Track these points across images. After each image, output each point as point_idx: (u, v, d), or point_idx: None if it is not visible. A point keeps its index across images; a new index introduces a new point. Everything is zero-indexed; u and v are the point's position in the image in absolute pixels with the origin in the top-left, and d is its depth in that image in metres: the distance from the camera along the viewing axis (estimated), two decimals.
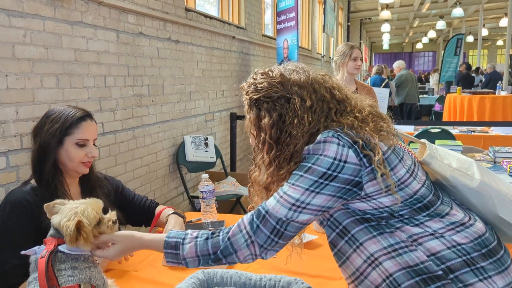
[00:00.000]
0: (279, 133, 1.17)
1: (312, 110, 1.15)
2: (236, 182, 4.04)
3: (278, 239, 1.10)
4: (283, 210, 1.08)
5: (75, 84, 2.56)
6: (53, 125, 1.55)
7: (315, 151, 1.09)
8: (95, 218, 1.18)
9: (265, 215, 1.10)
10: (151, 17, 3.34)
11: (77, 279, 1.12)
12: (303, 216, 1.09)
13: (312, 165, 1.08)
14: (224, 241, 1.12)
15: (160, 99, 3.55)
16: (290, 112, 1.15)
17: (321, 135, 1.10)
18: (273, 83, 1.19)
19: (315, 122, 1.15)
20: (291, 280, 1.30)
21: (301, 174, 1.09)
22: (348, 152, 1.07)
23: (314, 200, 1.08)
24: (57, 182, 1.57)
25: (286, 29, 5.66)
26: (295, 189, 1.09)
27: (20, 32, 2.16)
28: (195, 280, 1.30)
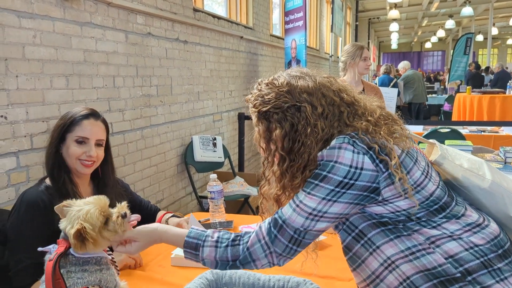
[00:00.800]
0: (291, 143, 1.14)
1: (324, 116, 1.13)
2: (244, 182, 4.04)
3: (297, 247, 1.10)
4: (300, 219, 1.07)
5: (84, 84, 2.57)
6: (59, 121, 1.60)
7: (330, 158, 1.07)
8: (99, 218, 1.15)
9: (282, 224, 1.09)
10: (159, 17, 3.35)
11: (86, 282, 1.13)
12: (321, 225, 1.08)
13: (328, 174, 1.06)
14: (243, 251, 1.11)
15: (169, 99, 3.57)
16: (302, 120, 1.13)
17: (336, 141, 1.08)
18: (280, 92, 1.16)
19: (328, 128, 1.13)
20: (300, 281, 1.30)
21: (317, 183, 1.07)
22: (364, 159, 1.05)
23: (331, 208, 1.07)
24: (65, 177, 1.58)
25: (294, 29, 5.65)
26: (311, 198, 1.07)
27: (30, 33, 2.18)
28: (203, 280, 1.30)
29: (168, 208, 3.60)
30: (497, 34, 20.82)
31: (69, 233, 1.12)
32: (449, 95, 10.28)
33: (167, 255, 1.63)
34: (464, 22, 19.99)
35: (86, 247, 1.13)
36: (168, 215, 1.87)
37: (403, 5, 15.05)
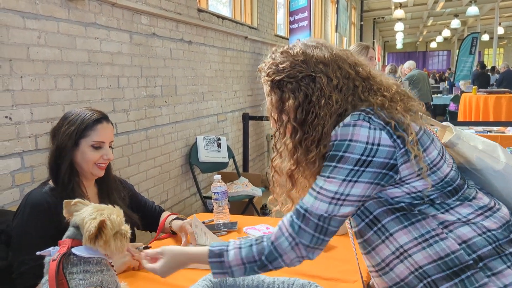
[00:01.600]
0: (304, 114, 1.10)
1: (339, 88, 1.09)
2: (248, 182, 4.04)
3: (324, 236, 1.05)
4: (323, 205, 1.04)
5: (89, 85, 2.58)
6: (70, 127, 1.55)
7: (344, 137, 1.03)
8: (119, 225, 1.17)
9: (305, 214, 1.05)
10: (164, 18, 3.35)
11: (88, 283, 1.12)
12: (345, 209, 1.04)
13: (344, 154, 1.03)
14: (268, 246, 1.07)
15: (173, 100, 3.56)
16: (317, 91, 1.09)
17: (351, 118, 1.05)
18: (296, 62, 1.12)
19: (342, 102, 1.09)
20: (304, 283, 1.29)
21: (334, 165, 1.03)
22: (381, 135, 1.02)
23: (353, 190, 1.03)
24: (74, 183, 1.57)
25: (298, 29, 5.64)
26: (331, 182, 1.04)
27: (35, 34, 2.18)
28: (207, 283, 1.30)
29: (173, 209, 3.60)
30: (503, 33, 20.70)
31: (89, 221, 1.12)
32: (455, 95, 10.24)
33: None
34: (469, 22, 19.89)
35: (97, 242, 1.13)
36: (172, 217, 1.87)
37: (408, 5, 15.00)
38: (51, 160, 1.58)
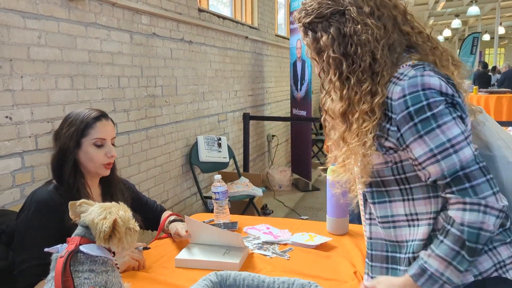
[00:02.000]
0: (343, 48, 1.06)
1: (375, 16, 1.05)
2: (249, 182, 4.04)
3: (491, 174, 0.98)
4: (468, 150, 0.97)
5: (89, 85, 2.57)
6: (70, 128, 1.56)
7: (414, 88, 0.98)
8: (128, 220, 1.18)
9: (464, 171, 0.96)
10: (164, 18, 3.35)
11: (93, 282, 1.12)
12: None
13: (428, 101, 0.97)
14: (461, 230, 0.96)
15: (174, 100, 3.56)
16: (348, 23, 1.05)
17: (415, 70, 1.00)
18: (322, 1, 1.09)
19: (382, 29, 1.04)
20: (304, 283, 1.28)
21: (432, 113, 0.97)
22: (444, 85, 1.00)
23: (466, 127, 1.00)
24: (79, 184, 1.57)
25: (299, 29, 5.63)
26: (448, 127, 0.97)
27: (35, 34, 2.18)
28: (207, 283, 1.29)
29: (173, 209, 3.60)
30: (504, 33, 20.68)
31: (101, 222, 1.12)
32: None
33: (171, 256, 1.62)
34: (470, 22, 19.87)
35: (111, 241, 1.14)
36: (171, 218, 1.86)
37: (409, 5, 14.96)
38: (54, 162, 1.58)
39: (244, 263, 1.56)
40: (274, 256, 1.62)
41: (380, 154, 1.07)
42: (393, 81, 1.03)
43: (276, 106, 6.50)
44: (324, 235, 1.78)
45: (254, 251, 1.66)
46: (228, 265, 1.50)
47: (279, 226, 1.91)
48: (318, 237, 1.74)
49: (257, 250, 1.67)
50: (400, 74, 1.03)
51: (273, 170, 5.80)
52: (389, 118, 1.03)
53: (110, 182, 1.71)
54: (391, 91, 1.02)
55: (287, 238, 1.77)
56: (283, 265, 1.55)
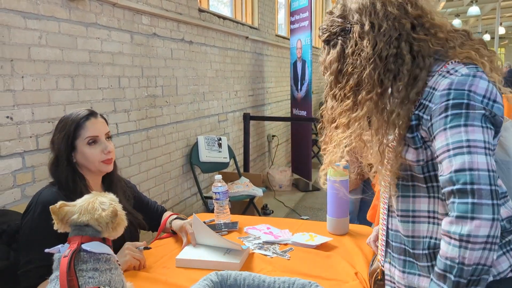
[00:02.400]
0: (341, 65, 1.12)
1: (375, 31, 1.06)
2: (249, 182, 4.04)
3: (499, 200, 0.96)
4: (482, 159, 0.93)
5: (90, 85, 2.58)
6: (61, 132, 1.56)
7: (462, 86, 0.96)
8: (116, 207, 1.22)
9: (474, 187, 0.92)
10: (164, 18, 3.35)
11: (97, 282, 1.12)
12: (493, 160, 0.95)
13: (469, 101, 0.95)
14: (441, 264, 0.95)
15: (174, 100, 3.57)
16: (350, 41, 1.10)
17: (468, 69, 0.99)
18: (334, 19, 1.15)
19: (384, 45, 1.05)
20: (305, 283, 1.28)
21: (466, 112, 0.95)
22: (494, 90, 0.98)
23: (492, 139, 0.96)
24: (81, 186, 1.57)
25: (299, 29, 5.63)
26: (473, 130, 0.94)
27: (36, 34, 2.18)
28: (208, 282, 1.30)
29: (173, 209, 3.60)
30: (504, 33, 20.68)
31: (104, 215, 1.16)
32: None
33: (172, 256, 1.62)
34: (471, 22, 19.87)
35: (117, 229, 1.20)
36: (173, 217, 1.87)
37: None
38: (52, 169, 1.58)
39: (245, 263, 1.57)
40: (274, 256, 1.62)
41: (413, 149, 1.06)
42: (442, 74, 1.02)
43: (276, 106, 6.50)
44: (324, 235, 1.78)
45: (255, 251, 1.66)
46: (229, 265, 1.50)
47: (279, 226, 1.92)
48: (319, 237, 1.75)
49: (257, 250, 1.67)
50: (450, 69, 1.02)
51: (273, 170, 5.81)
52: (425, 107, 1.02)
53: (111, 181, 1.72)
54: (438, 83, 1.01)
55: (288, 238, 1.78)
56: (284, 265, 1.55)
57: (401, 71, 1.05)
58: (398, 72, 1.05)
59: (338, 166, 1.82)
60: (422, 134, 1.04)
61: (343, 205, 1.83)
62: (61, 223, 1.19)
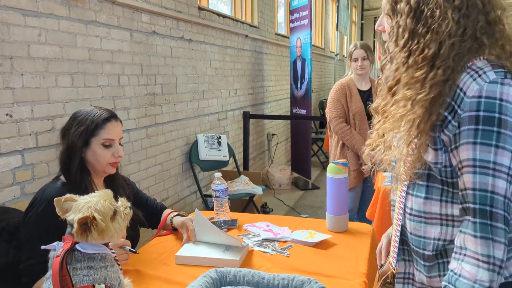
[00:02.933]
0: (415, 23, 1.00)
1: (461, 12, 0.97)
2: (249, 181, 4.04)
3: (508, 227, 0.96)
4: (503, 184, 0.92)
5: (89, 83, 2.58)
6: (79, 127, 1.58)
7: (492, 94, 0.92)
8: (110, 208, 1.18)
9: (492, 210, 0.93)
10: (164, 16, 3.35)
11: (92, 279, 1.12)
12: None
13: (501, 116, 0.91)
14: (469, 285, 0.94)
15: (173, 98, 3.56)
16: (432, 3, 0.98)
17: (496, 75, 0.94)
18: None
19: (461, 28, 0.97)
20: (304, 280, 1.29)
21: (498, 130, 0.91)
22: None
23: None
24: (86, 182, 1.59)
25: (299, 28, 5.63)
26: (503, 154, 0.92)
27: (35, 32, 2.18)
28: (207, 279, 1.30)
29: (173, 207, 3.60)
30: None
31: (75, 219, 1.12)
32: None
33: (172, 253, 1.63)
34: None
35: (88, 237, 1.13)
36: (173, 214, 1.87)
37: None
38: (62, 159, 1.60)
39: (244, 260, 1.57)
40: (274, 253, 1.63)
41: (432, 150, 1.02)
42: (470, 73, 0.96)
43: (276, 104, 6.50)
44: (324, 232, 1.78)
45: (254, 248, 1.67)
46: (228, 262, 1.50)
47: (279, 224, 1.92)
48: (318, 234, 1.75)
49: (257, 247, 1.68)
50: (478, 68, 0.96)
51: (273, 169, 5.81)
52: (454, 111, 0.97)
53: (113, 180, 1.74)
54: (466, 84, 0.96)
55: (287, 235, 1.78)
56: (283, 262, 1.55)
57: (459, 65, 0.98)
58: (456, 66, 0.98)
59: (337, 163, 1.82)
60: (443, 138, 1.00)
61: (342, 203, 1.83)
62: (61, 212, 1.19)
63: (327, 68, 10.63)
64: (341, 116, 3.06)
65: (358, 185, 3.12)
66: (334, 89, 3.14)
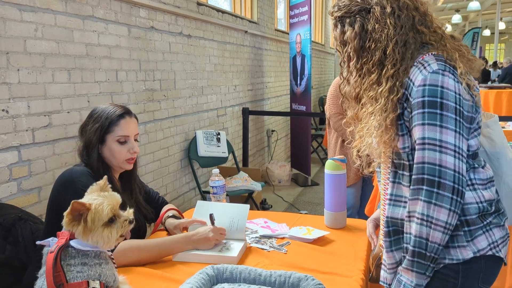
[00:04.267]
0: (362, 42, 1.21)
1: (395, 16, 1.18)
2: (248, 177, 4.03)
3: (460, 198, 1.11)
4: (450, 160, 1.08)
5: (87, 78, 2.56)
6: (95, 124, 1.62)
7: (434, 82, 1.10)
8: (108, 215, 1.13)
9: (441, 180, 1.08)
10: (162, 11, 3.33)
11: (86, 276, 1.11)
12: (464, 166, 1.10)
13: (443, 100, 1.09)
14: (413, 241, 1.13)
15: (172, 94, 3.55)
16: (372, 20, 1.19)
17: (438, 66, 1.11)
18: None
19: (400, 28, 1.17)
20: (301, 277, 1.28)
21: (440, 112, 1.08)
22: (461, 87, 1.11)
23: (463, 145, 1.10)
24: (111, 176, 1.63)
25: (299, 23, 5.61)
26: (447, 133, 1.08)
27: (32, 27, 2.16)
28: (204, 276, 1.29)
29: (172, 203, 3.59)
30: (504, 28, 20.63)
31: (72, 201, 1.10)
32: None
33: None
34: (471, 17, 19.82)
35: (75, 227, 1.11)
36: (169, 213, 1.85)
37: None
38: (81, 156, 1.64)
39: (242, 256, 1.56)
40: (271, 250, 1.62)
41: (399, 136, 1.18)
42: (418, 66, 1.15)
43: (275, 101, 6.48)
44: (322, 229, 1.77)
45: (252, 245, 1.66)
46: (226, 259, 1.49)
47: (277, 220, 1.91)
48: (316, 231, 1.74)
49: (254, 244, 1.67)
50: (424, 61, 1.14)
51: (273, 165, 5.80)
52: (407, 100, 1.16)
53: (130, 177, 1.77)
54: (414, 76, 1.14)
55: (285, 232, 1.77)
56: (281, 258, 1.54)
57: (406, 55, 1.17)
58: (404, 56, 1.17)
59: (335, 160, 1.81)
60: (406, 124, 1.17)
61: (341, 199, 1.82)
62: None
63: (327, 64, 10.60)
64: (340, 112, 3.04)
65: (359, 182, 3.11)
66: (333, 85, 3.12)
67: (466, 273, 1.16)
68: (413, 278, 1.13)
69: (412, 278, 1.13)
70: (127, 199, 1.72)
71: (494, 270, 1.19)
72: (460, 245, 1.15)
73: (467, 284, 1.17)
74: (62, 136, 2.36)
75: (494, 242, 1.16)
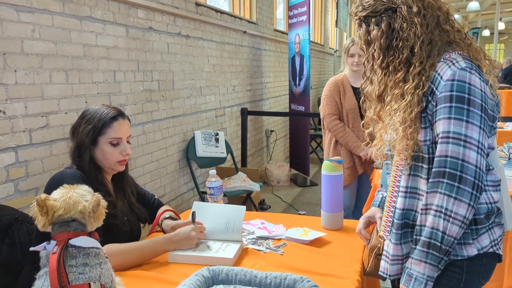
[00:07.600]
0: (388, 41, 1.23)
1: (421, 15, 1.20)
2: (246, 177, 4.03)
3: (479, 193, 1.14)
4: (473, 155, 1.11)
5: (84, 79, 2.56)
6: (87, 125, 1.61)
7: (463, 78, 1.13)
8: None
9: (462, 175, 1.10)
10: (161, 11, 3.32)
11: (87, 277, 1.11)
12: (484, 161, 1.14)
13: (470, 96, 1.11)
14: (427, 233, 1.16)
15: (170, 94, 3.55)
16: (398, 19, 1.21)
17: (465, 63, 1.15)
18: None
19: (427, 27, 1.20)
20: (297, 278, 1.27)
21: (467, 108, 1.11)
22: (486, 87, 1.15)
23: (486, 142, 1.14)
24: (100, 178, 1.63)
25: (298, 24, 5.61)
26: (472, 129, 1.11)
27: (29, 27, 2.16)
28: (199, 277, 1.29)
29: (170, 204, 3.59)
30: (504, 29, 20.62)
31: (86, 205, 1.13)
32: None
33: None
34: (470, 17, 19.81)
35: (99, 219, 1.17)
36: (166, 215, 1.85)
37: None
38: (73, 157, 1.63)
39: (238, 258, 1.56)
40: (268, 251, 1.61)
41: (421, 129, 1.20)
42: (446, 62, 1.18)
43: (274, 101, 6.48)
44: (318, 230, 1.77)
45: (248, 246, 1.65)
46: (222, 260, 1.49)
47: (274, 221, 1.91)
48: (313, 232, 1.74)
49: (251, 245, 1.66)
50: (452, 58, 1.18)
51: (272, 165, 5.80)
52: (433, 93, 1.18)
53: (122, 178, 1.76)
54: (443, 70, 1.17)
55: (282, 233, 1.77)
56: (277, 260, 1.54)
57: (432, 52, 1.21)
58: (430, 54, 1.20)
59: (332, 161, 1.80)
60: (428, 118, 1.20)
61: (337, 200, 1.82)
62: (45, 216, 1.14)
63: (326, 64, 10.60)
64: (334, 113, 3.03)
65: (353, 183, 3.10)
66: (327, 85, 3.10)
67: (470, 269, 1.21)
68: (425, 270, 1.15)
69: (424, 270, 1.15)
70: (120, 200, 1.72)
71: (492, 266, 1.25)
72: (466, 242, 1.19)
73: (469, 280, 1.21)
74: (59, 137, 2.36)
75: (495, 240, 1.22)
